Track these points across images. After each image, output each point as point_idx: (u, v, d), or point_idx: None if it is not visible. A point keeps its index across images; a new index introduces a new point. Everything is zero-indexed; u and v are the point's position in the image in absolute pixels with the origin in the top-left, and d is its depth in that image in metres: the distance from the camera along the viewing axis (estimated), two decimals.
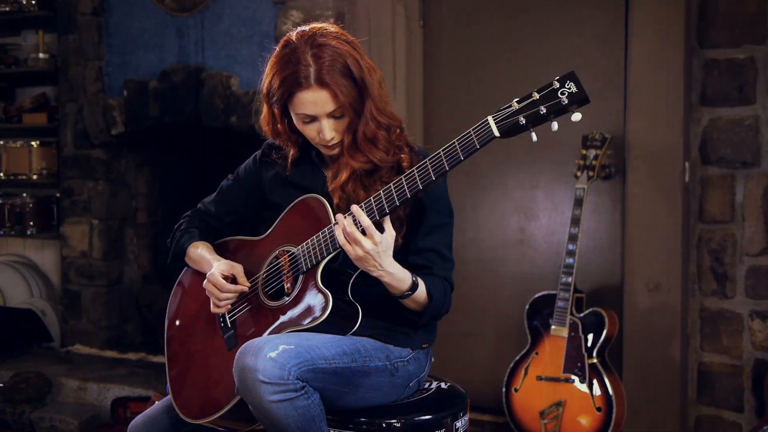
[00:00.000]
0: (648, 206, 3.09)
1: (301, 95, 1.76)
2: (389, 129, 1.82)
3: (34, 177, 4.38)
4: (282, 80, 1.76)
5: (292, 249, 1.83)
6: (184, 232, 2.06)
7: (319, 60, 1.74)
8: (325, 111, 1.77)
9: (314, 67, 1.73)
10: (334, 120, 1.79)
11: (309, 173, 1.94)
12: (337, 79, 1.74)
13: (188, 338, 2.01)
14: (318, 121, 1.79)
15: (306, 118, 1.80)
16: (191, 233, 2.05)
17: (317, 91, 1.74)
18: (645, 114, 3.08)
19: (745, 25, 3.03)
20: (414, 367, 1.89)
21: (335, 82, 1.73)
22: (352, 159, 1.80)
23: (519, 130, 1.57)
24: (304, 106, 1.77)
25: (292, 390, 1.60)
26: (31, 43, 4.57)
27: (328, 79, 1.73)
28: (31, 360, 4.10)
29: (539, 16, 3.35)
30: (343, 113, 1.78)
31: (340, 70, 1.74)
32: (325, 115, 1.78)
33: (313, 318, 1.74)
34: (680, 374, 3.09)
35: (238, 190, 2.04)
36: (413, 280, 1.77)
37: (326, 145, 1.83)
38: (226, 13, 3.77)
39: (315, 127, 1.80)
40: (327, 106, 1.76)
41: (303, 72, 1.74)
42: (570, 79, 1.52)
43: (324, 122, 1.78)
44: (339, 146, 1.83)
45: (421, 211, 1.84)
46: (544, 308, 3.08)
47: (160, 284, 4.44)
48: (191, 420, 1.87)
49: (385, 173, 1.82)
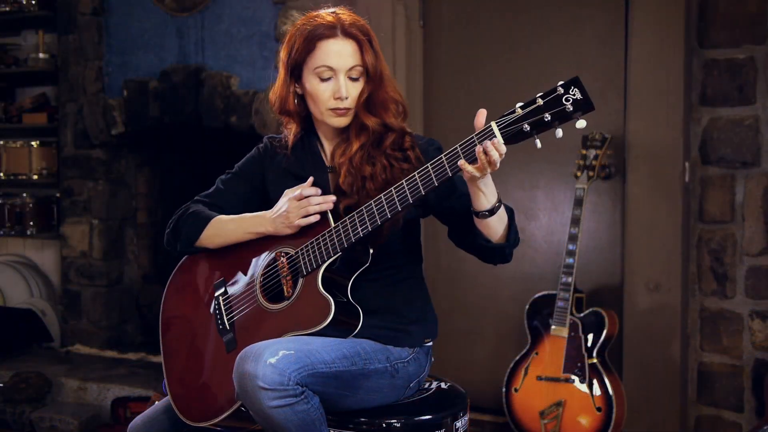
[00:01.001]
0: (648, 206, 3.09)
1: (325, 44, 1.79)
2: (398, 103, 1.87)
3: (34, 177, 4.38)
4: (306, 34, 1.81)
5: (290, 251, 1.82)
6: (195, 212, 1.95)
7: (347, 18, 1.82)
8: (347, 65, 1.80)
9: (345, 22, 1.81)
10: (351, 81, 1.82)
11: (309, 162, 1.93)
12: (364, 40, 1.81)
13: (186, 338, 1.98)
14: (335, 78, 1.81)
15: (325, 73, 1.81)
16: (204, 211, 1.96)
17: (343, 40, 1.80)
18: (645, 114, 3.08)
19: (745, 25, 3.03)
20: (414, 368, 1.88)
21: (362, 41, 1.80)
22: (366, 119, 1.82)
23: (523, 137, 1.56)
24: (327, 56, 1.80)
25: (292, 395, 1.60)
26: (31, 43, 4.57)
27: (354, 32, 1.80)
28: (31, 360, 4.10)
29: (539, 16, 3.35)
30: (360, 75, 1.82)
31: (364, 34, 1.82)
32: (345, 71, 1.80)
33: (314, 324, 1.73)
34: (680, 374, 3.09)
35: (240, 183, 2.00)
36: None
37: (337, 108, 1.83)
38: (226, 13, 3.77)
39: (331, 86, 1.82)
40: (350, 59, 1.80)
41: (329, 24, 1.80)
42: (574, 85, 1.51)
43: (342, 79, 1.81)
44: (348, 114, 1.84)
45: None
46: (544, 308, 3.08)
47: (160, 284, 4.43)
48: (193, 423, 1.87)
49: (389, 147, 1.83)
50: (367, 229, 1.70)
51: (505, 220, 1.74)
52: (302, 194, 1.80)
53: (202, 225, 1.92)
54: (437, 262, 3.57)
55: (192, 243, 1.95)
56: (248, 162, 2.01)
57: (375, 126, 1.82)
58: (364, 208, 1.71)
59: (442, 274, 3.57)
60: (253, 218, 1.87)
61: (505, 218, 1.74)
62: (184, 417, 1.89)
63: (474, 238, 1.76)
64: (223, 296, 1.92)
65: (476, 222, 1.73)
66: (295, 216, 1.79)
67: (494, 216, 1.69)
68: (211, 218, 1.92)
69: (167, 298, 2.06)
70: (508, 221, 1.75)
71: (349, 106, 1.83)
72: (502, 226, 1.74)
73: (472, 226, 1.75)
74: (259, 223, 1.85)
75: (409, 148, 1.83)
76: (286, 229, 1.81)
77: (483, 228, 1.73)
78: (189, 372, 1.94)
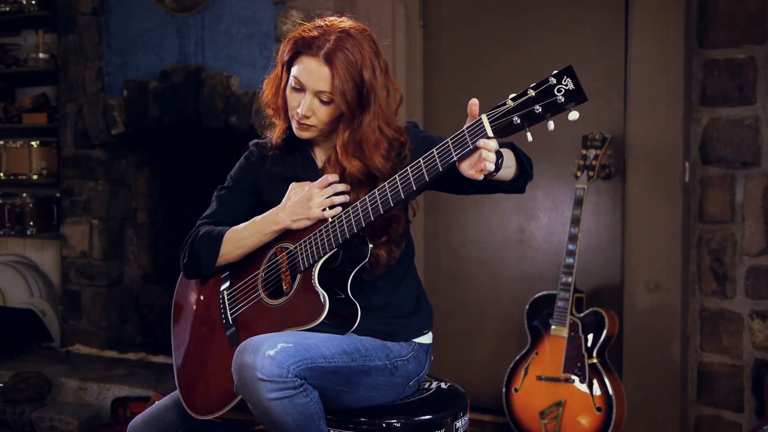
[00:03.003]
0: (648, 206, 3.09)
1: (303, 59, 1.77)
2: (390, 141, 1.81)
3: (34, 177, 4.38)
4: (298, 39, 1.79)
5: (290, 246, 1.82)
6: (206, 232, 1.91)
7: (340, 44, 1.75)
8: (316, 87, 1.77)
9: (331, 46, 1.75)
10: (320, 103, 1.79)
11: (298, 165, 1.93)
12: (343, 71, 1.74)
13: (193, 331, 2.00)
14: (304, 93, 1.79)
15: (297, 84, 1.80)
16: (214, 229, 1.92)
17: (320, 63, 1.75)
18: (645, 114, 3.08)
19: (745, 25, 3.03)
20: (414, 366, 1.89)
21: (340, 70, 1.74)
22: (347, 162, 1.79)
23: (513, 129, 1.52)
24: (300, 72, 1.78)
25: (291, 387, 1.60)
26: (31, 43, 4.57)
27: (336, 60, 1.74)
28: (31, 360, 4.10)
29: (539, 16, 3.35)
30: (332, 101, 1.78)
31: (350, 65, 1.74)
32: (313, 92, 1.78)
33: (309, 320, 1.73)
34: (680, 374, 3.09)
35: (238, 194, 1.98)
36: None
37: (298, 121, 1.82)
38: (226, 13, 3.77)
39: (299, 98, 1.81)
40: (320, 83, 1.76)
41: (319, 42, 1.75)
42: (567, 75, 1.46)
43: (308, 97, 1.79)
44: (311, 130, 1.83)
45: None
46: (544, 308, 3.07)
47: (160, 284, 4.44)
48: (197, 416, 1.87)
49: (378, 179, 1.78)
50: (362, 225, 1.70)
51: (513, 158, 1.67)
52: (328, 180, 1.78)
53: (218, 242, 1.88)
54: (437, 262, 3.57)
55: (215, 262, 1.89)
56: (240, 171, 2.00)
57: (356, 172, 1.79)
58: (359, 203, 1.71)
59: (442, 274, 3.57)
60: (264, 219, 1.84)
61: (512, 156, 1.67)
62: (189, 409, 1.89)
63: (491, 187, 1.69)
64: (227, 290, 1.93)
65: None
66: (317, 204, 1.76)
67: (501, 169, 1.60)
68: (224, 233, 1.88)
69: (178, 291, 2.07)
70: (515, 155, 1.68)
71: (312, 123, 1.82)
72: (512, 165, 1.67)
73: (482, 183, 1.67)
74: (274, 220, 1.82)
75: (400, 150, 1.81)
76: (304, 221, 1.78)
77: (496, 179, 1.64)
78: (194, 364, 1.95)
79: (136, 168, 4.40)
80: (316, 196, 1.77)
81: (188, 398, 1.92)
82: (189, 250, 1.91)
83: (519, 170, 1.70)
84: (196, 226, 1.96)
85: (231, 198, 1.98)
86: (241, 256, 1.88)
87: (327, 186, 1.78)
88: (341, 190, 1.78)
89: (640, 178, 3.10)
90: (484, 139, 1.52)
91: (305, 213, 1.78)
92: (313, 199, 1.76)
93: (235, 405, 1.78)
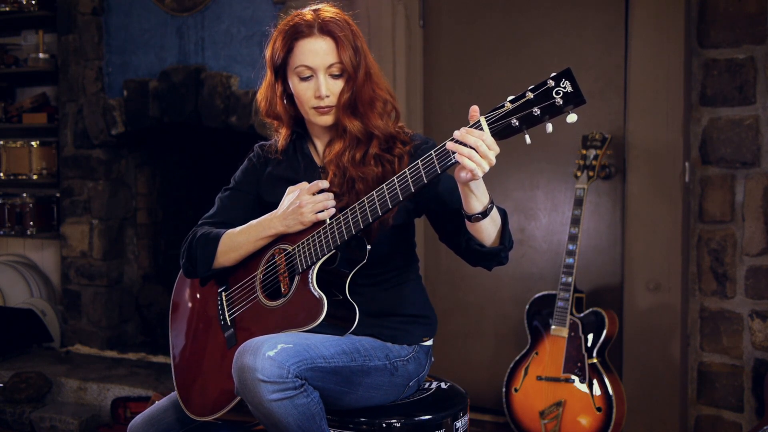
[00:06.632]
0: (648, 206, 3.09)
1: (302, 44, 1.79)
2: (385, 102, 1.85)
3: (34, 177, 4.39)
4: (285, 34, 1.81)
5: (288, 248, 1.82)
6: (203, 234, 1.91)
7: (327, 17, 1.80)
8: (324, 63, 1.79)
9: (318, 20, 1.79)
10: (332, 78, 1.81)
11: (300, 164, 1.93)
12: (343, 36, 1.79)
13: (191, 332, 1.99)
14: (315, 77, 1.80)
15: (304, 72, 1.81)
16: (212, 231, 1.93)
17: (320, 38, 1.79)
18: (645, 114, 3.08)
19: (745, 25, 3.03)
20: (414, 367, 1.89)
21: (341, 37, 1.78)
22: (348, 122, 1.81)
23: (512, 132, 1.52)
24: (305, 55, 1.79)
25: (292, 388, 1.60)
26: (31, 43, 4.57)
27: (332, 28, 1.78)
28: (31, 360, 4.10)
29: (539, 16, 3.35)
30: (342, 72, 1.81)
31: (345, 31, 1.80)
32: (324, 69, 1.80)
33: (307, 322, 1.73)
34: (680, 374, 3.09)
35: (241, 196, 1.98)
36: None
37: (320, 107, 1.83)
38: (226, 13, 3.77)
39: (311, 85, 1.82)
40: (328, 57, 1.79)
41: (307, 22, 1.79)
42: (566, 77, 1.46)
43: (321, 77, 1.80)
44: (331, 113, 1.84)
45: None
46: (544, 308, 3.08)
47: (160, 284, 4.45)
48: (196, 417, 1.87)
49: (378, 148, 1.82)
50: (360, 226, 1.70)
51: (499, 223, 1.71)
52: (319, 186, 1.79)
53: (214, 245, 1.88)
54: (437, 262, 3.57)
55: (210, 265, 1.90)
56: (244, 173, 2.00)
57: (356, 131, 1.81)
58: (357, 205, 1.70)
59: (442, 274, 3.57)
60: (260, 224, 1.85)
61: (499, 221, 1.71)
62: (188, 410, 1.89)
63: (468, 243, 1.73)
64: (225, 292, 1.93)
65: (469, 226, 1.70)
66: (309, 210, 1.76)
67: (487, 218, 1.66)
68: (221, 235, 1.89)
69: (176, 290, 2.07)
70: (501, 224, 1.73)
71: (331, 103, 1.83)
72: (496, 228, 1.71)
73: (463, 227, 1.73)
74: (268, 226, 1.83)
75: (399, 148, 1.82)
76: (298, 226, 1.79)
77: (476, 232, 1.70)
78: (192, 366, 1.95)
79: (136, 168, 4.40)
80: (307, 203, 1.77)
81: (186, 399, 1.91)
82: (187, 251, 1.92)
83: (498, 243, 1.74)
84: (196, 226, 1.97)
85: (232, 200, 1.99)
86: (237, 260, 1.89)
87: (318, 191, 1.79)
88: (330, 195, 1.79)
89: (640, 178, 3.10)
90: (479, 131, 1.54)
91: (298, 219, 1.78)
92: (304, 206, 1.77)
93: (233, 406, 1.77)
